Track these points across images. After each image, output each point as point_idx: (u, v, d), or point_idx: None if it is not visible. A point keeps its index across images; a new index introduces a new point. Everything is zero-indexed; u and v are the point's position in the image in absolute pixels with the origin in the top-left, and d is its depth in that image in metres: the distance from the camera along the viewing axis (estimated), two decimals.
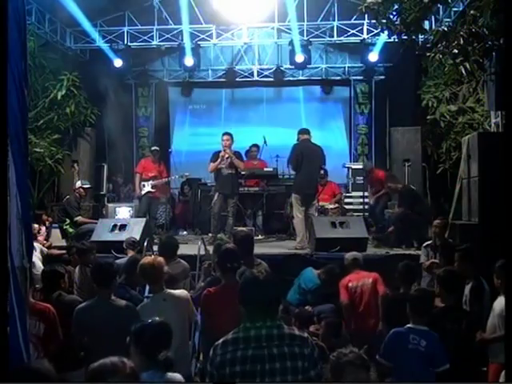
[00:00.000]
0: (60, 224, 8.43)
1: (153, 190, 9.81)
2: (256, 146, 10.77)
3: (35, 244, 6.02)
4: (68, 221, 8.26)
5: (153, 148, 10.44)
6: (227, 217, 8.86)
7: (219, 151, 8.93)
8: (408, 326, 3.99)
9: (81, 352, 4.31)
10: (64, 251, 7.07)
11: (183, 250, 6.67)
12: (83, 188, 8.71)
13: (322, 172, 9.89)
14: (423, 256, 6.34)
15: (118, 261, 5.41)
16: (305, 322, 5.01)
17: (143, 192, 9.79)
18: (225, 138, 8.92)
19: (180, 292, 4.48)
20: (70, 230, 8.19)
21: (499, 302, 4.29)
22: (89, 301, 4.32)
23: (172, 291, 4.39)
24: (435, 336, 3.92)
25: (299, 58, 11.71)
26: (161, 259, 4.50)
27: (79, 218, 8.27)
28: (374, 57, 11.71)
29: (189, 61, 12.01)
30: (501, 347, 4.06)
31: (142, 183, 9.87)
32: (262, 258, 5.42)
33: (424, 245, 6.49)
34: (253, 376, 2.65)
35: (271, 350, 2.67)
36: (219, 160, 8.83)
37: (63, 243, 8.06)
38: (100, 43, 11.62)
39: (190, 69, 12.62)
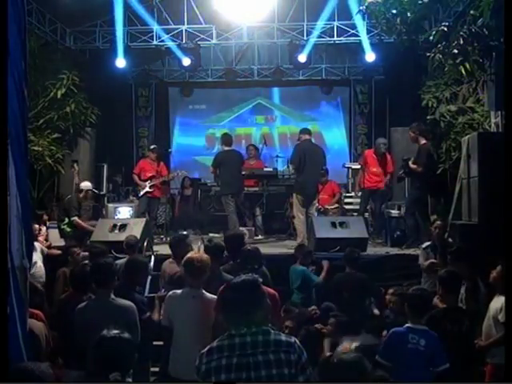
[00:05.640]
0: (58, 223, 8.39)
1: (151, 190, 9.79)
2: (252, 145, 10.91)
3: (35, 244, 6.01)
4: (66, 220, 8.17)
5: (152, 146, 10.44)
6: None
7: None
8: (407, 325, 3.98)
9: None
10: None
11: None
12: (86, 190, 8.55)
13: (323, 171, 9.91)
14: (421, 257, 6.33)
15: (118, 261, 5.39)
16: (305, 323, 5.00)
17: (142, 192, 9.78)
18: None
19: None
20: (68, 229, 8.11)
21: (494, 304, 4.29)
22: (89, 300, 4.33)
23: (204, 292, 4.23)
24: (434, 335, 3.91)
25: (302, 57, 11.63)
26: (207, 257, 4.36)
27: (75, 219, 8.12)
28: (371, 56, 11.65)
29: (186, 61, 11.95)
30: (498, 348, 4.07)
31: (143, 184, 9.85)
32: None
33: (423, 246, 6.47)
34: None
35: (256, 358, 2.60)
36: None
37: (62, 243, 8.02)
38: (118, 39, 11.38)
39: (188, 69, 12.59)
